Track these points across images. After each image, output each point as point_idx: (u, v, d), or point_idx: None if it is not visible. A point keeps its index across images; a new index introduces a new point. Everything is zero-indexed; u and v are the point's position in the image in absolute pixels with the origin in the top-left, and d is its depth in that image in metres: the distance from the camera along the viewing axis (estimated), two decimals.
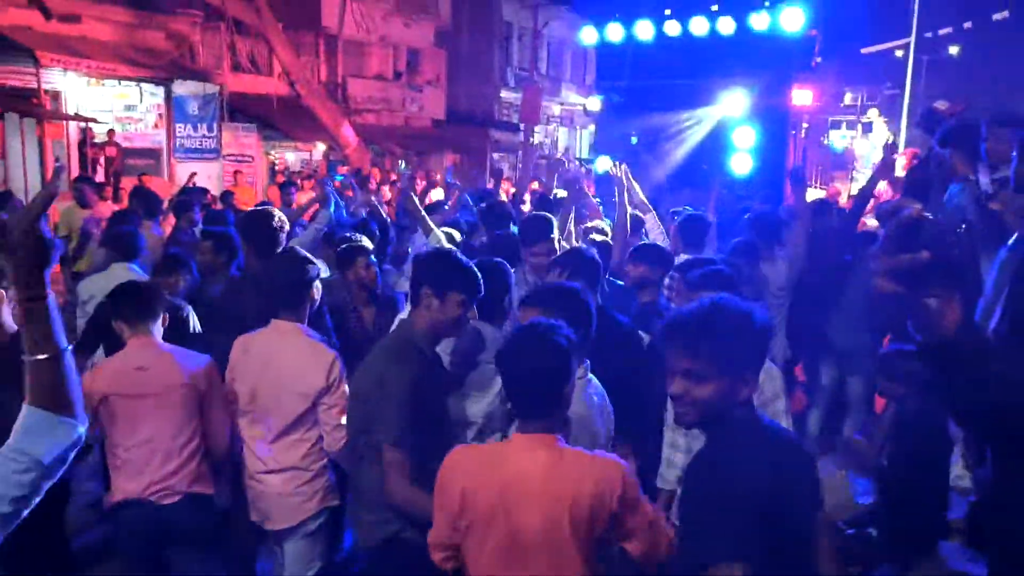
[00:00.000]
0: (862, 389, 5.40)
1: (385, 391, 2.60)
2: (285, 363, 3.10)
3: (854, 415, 5.53)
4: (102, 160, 15.48)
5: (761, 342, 1.95)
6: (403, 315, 3.40)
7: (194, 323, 3.86)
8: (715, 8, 9.31)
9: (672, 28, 9.77)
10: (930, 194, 4.39)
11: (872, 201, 6.18)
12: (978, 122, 4.03)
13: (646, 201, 5.77)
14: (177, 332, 3.55)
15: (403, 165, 21.87)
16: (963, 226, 3.78)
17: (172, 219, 7.02)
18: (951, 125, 4.34)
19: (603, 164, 7.27)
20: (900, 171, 6.68)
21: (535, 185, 12.07)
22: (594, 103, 11.41)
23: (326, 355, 3.10)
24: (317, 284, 3.25)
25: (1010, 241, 3.21)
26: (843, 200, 11.67)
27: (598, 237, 5.15)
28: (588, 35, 10.69)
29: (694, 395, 1.87)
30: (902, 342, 3.93)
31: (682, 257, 4.41)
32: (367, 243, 4.41)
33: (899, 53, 26.12)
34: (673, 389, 1.90)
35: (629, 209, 5.24)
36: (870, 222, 6.63)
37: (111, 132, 15.80)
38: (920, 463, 3.50)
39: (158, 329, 3.27)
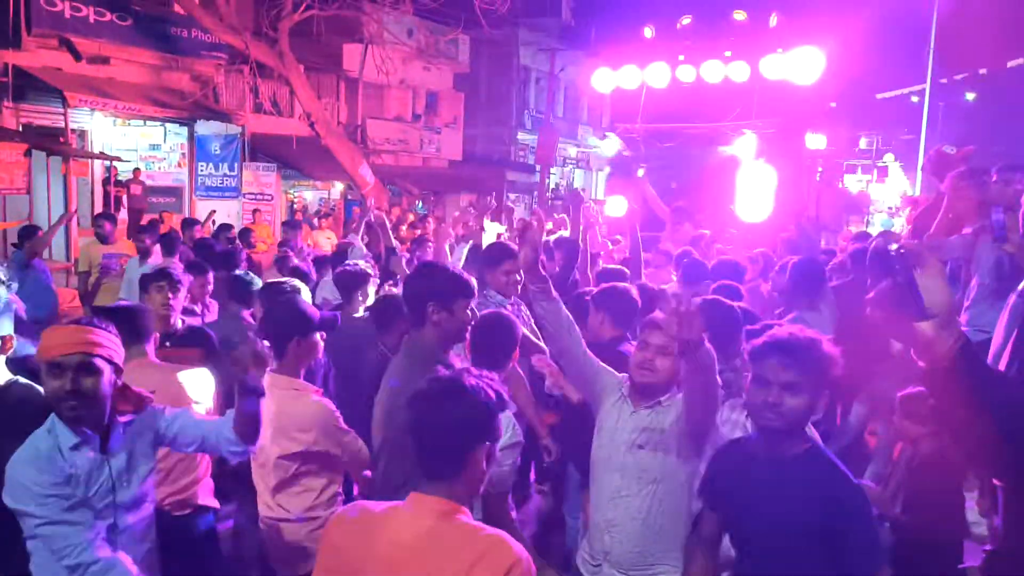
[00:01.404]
0: (883, 428, 5.45)
1: None
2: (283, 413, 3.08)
3: (877, 461, 5.54)
4: (124, 198, 15.77)
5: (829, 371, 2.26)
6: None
7: None
8: (728, 54, 9.41)
9: (686, 74, 9.88)
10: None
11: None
12: (987, 167, 4.06)
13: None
14: None
15: (420, 205, 22.08)
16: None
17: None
18: (962, 171, 4.37)
19: (617, 206, 7.33)
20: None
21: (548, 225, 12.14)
22: (609, 146, 11.51)
23: (314, 405, 3.14)
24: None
25: (1020, 286, 3.20)
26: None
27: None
28: (602, 81, 10.84)
29: (789, 404, 2.21)
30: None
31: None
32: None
33: (915, 99, 26.23)
34: (772, 397, 2.22)
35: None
36: None
37: (136, 171, 16.12)
38: (935, 508, 3.45)
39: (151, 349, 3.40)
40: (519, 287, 4.34)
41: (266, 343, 2.80)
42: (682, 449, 2.74)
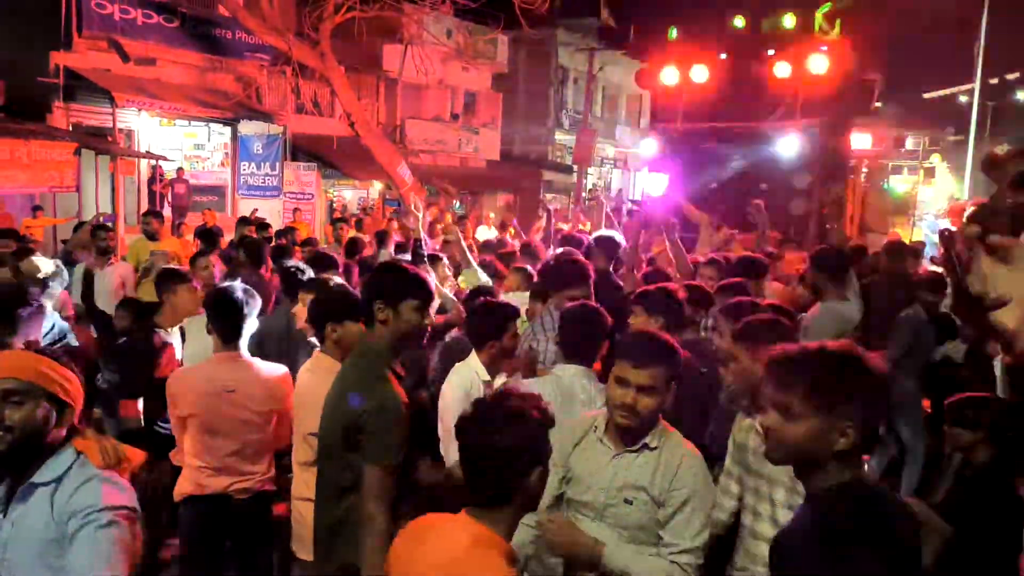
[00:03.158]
0: (910, 435, 5.59)
1: (382, 416, 2.50)
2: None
3: (911, 464, 5.52)
4: (169, 196, 16.09)
5: (869, 393, 1.78)
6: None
7: None
8: (771, 52, 9.28)
9: (727, 72, 9.77)
10: None
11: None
12: None
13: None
14: None
15: (457, 205, 22.17)
16: None
17: None
18: (1018, 172, 4.25)
19: (657, 185, 7.25)
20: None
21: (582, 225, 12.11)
22: (647, 147, 11.44)
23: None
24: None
25: None
26: None
27: None
28: (642, 80, 10.75)
29: (783, 434, 1.79)
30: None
31: None
32: None
33: (963, 98, 25.58)
34: (763, 421, 1.84)
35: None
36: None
37: (180, 170, 16.44)
38: (992, 521, 3.32)
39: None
40: None
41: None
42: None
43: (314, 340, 3.65)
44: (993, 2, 21.32)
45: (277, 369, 3.53)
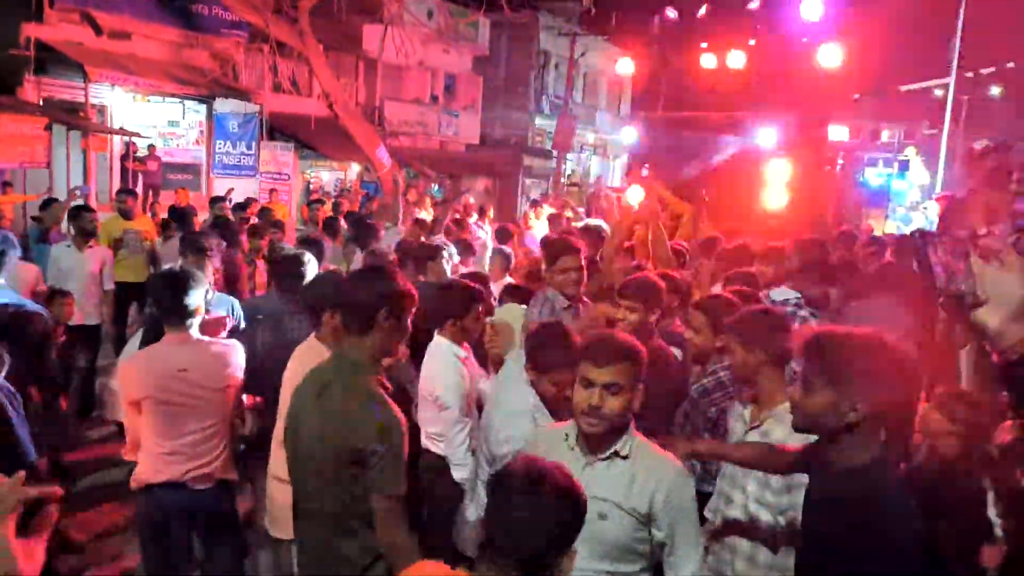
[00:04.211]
0: None
1: (388, 443, 2.38)
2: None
3: None
4: (141, 174, 15.86)
5: (881, 374, 1.94)
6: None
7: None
8: (752, 43, 9.31)
9: (708, 62, 9.79)
10: None
11: None
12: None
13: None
14: None
15: (436, 188, 22.07)
16: None
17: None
18: (990, 167, 4.33)
19: (635, 195, 7.32)
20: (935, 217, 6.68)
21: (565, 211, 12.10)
22: (627, 135, 11.44)
23: None
24: None
25: None
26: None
27: None
28: (623, 66, 10.75)
29: (803, 404, 2.04)
30: None
31: None
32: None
33: (939, 92, 25.87)
34: (789, 392, 2.11)
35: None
36: None
37: (152, 147, 16.18)
38: (955, 515, 3.41)
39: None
40: (580, 285, 4.17)
41: None
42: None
43: None
44: None
45: (228, 344, 3.51)
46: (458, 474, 3.59)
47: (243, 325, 4.36)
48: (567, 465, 2.27)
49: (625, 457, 2.36)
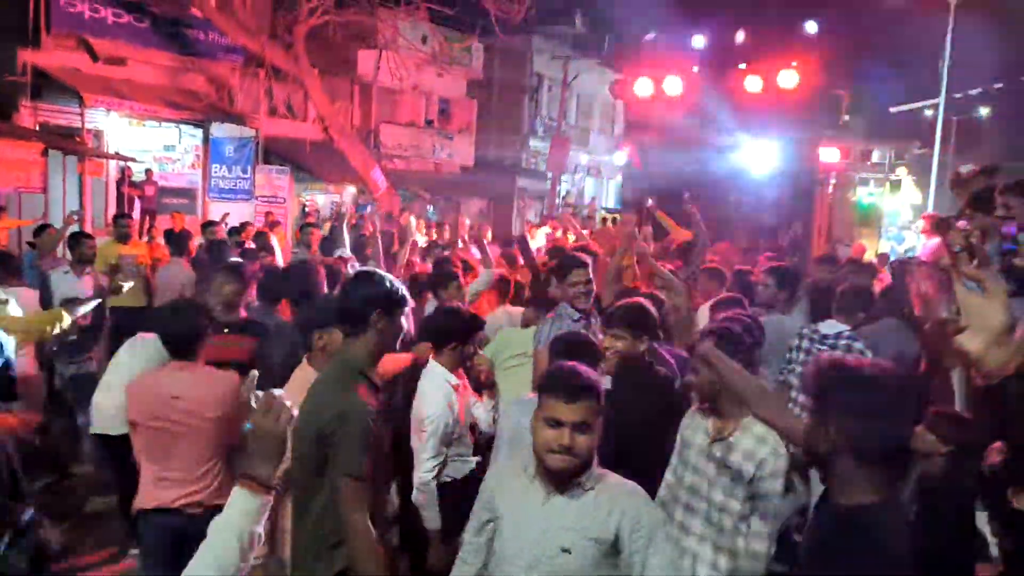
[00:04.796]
0: None
1: (347, 426, 2.50)
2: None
3: None
4: (137, 199, 15.90)
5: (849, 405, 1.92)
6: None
7: None
8: (743, 66, 9.43)
9: (700, 84, 9.90)
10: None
11: None
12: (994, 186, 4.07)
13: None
14: None
15: (431, 210, 22.15)
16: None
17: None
18: (978, 191, 4.39)
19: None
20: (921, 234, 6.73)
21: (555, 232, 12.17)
22: (620, 157, 11.54)
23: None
24: None
25: None
26: (869, 256, 11.62)
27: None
28: (616, 90, 10.86)
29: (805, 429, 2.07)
30: None
31: None
32: None
33: (928, 112, 26.11)
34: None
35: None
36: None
37: (149, 171, 16.25)
38: (945, 531, 3.43)
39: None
40: (591, 297, 4.28)
41: None
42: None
43: None
44: (957, 20, 21.83)
45: (227, 374, 3.53)
46: (427, 513, 3.53)
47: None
48: (526, 499, 2.32)
49: (589, 489, 2.32)
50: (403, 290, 2.80)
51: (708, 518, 2.91)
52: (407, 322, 2.85)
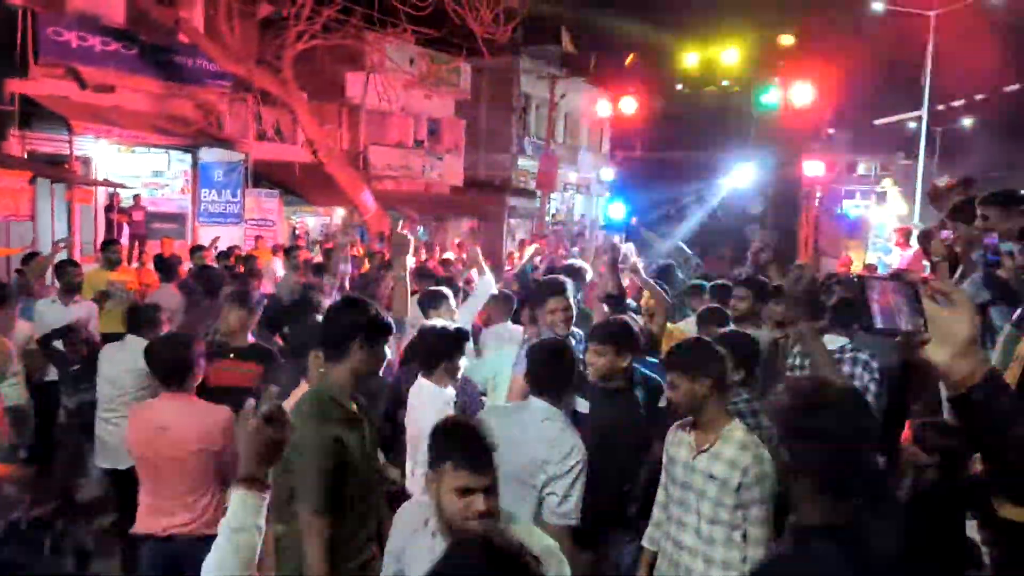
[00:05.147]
0: None
1: (303, 459, 2.46)
2: None
3: None
4: (126, 224, 15.89)
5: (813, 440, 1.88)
6: None
7: None
8: (726, 83, 9.55)
9: (683, 102, 10.01)
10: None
11: None
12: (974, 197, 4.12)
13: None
14: None
15: (422, 231, 22.22)
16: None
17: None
18: (957, 202, 4.45)
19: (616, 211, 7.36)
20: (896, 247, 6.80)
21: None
22: (607, 174, 11.63)
23: None
24: None
25: (1014, 316, 3.24)
26: (856, 268, 11.71)
27: None
28: (602, 108, 10.96)
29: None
30: None
31: None
32: None
33: (912, 124, 26.43)
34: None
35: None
36: None
37: (137, 197, 16.25)
38: (936, 542, 3.45)
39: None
40: (570, 324, 4.33)
41: None
42: None
43: None
44: (938, 33, 22.15)
45: (217, 409, 3.53)
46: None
47: None
48: (420, 551, 2.18)
49: None
50: (387, 318, 2.80)
51: (698, 532, 2.93)
52: (389, 351, 2.82)
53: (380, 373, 2.99)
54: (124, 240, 14.88)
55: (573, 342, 4.25)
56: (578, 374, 3.41)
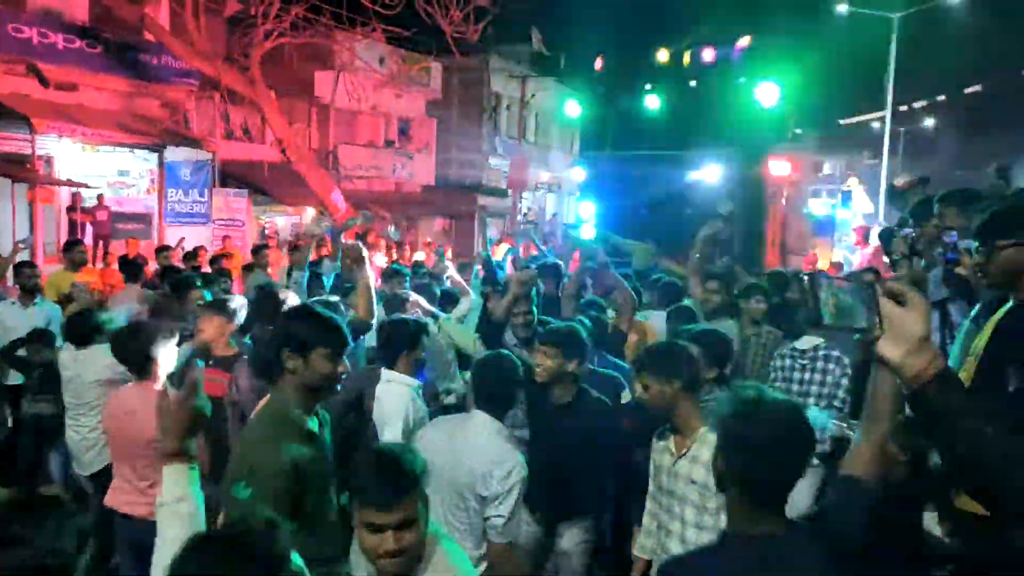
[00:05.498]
0: None
1: (254, 483, 2.35)
2: None
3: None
4: (89, 224, 15.61)
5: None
6: None
7: None
8: (693, 83, 9.65)
9: (652, 101, 10.10)
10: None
11: None
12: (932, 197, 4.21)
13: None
14: None
15: (393, 230, 22.13)
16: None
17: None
18: (915, 201, 4.56)
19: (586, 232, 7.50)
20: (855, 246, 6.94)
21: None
22: (577, 173, 11.70)
23: None
24: None
25: (972, 313, 3.33)
26: (823, 266, 11.89)
27: None
28: (572, 108, 11.02)
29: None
30: None
31: None
32: None
33: (876, 124, 26.91)
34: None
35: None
36: None
37: (101, 197, 15.98)
38: (895, 536, 3.51)
39: None
40: (531, 327, 4.42)
41: None
42: None
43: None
44: (900, 36, 22.60)
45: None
46: None
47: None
48: None
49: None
50: (325, 328, 2.57)
51: (683, 538, 2.93)
52: (334, 364, 2.58)
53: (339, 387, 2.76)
54: (88, 240, 14.64)
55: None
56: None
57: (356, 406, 3.84)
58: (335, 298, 4.73)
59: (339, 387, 2.67)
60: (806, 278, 5.35)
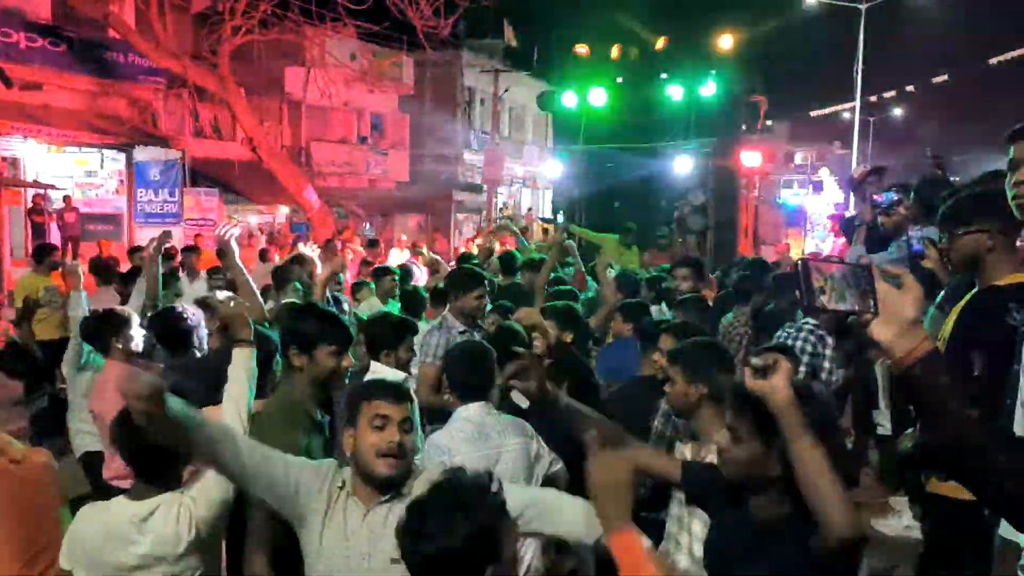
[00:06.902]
0: None
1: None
2: None
3: None
4: (57, 226, 15.35)
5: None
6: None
7: None
8: (664, 76, 9.69)
9: (624, 95, 10.13)
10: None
11: None
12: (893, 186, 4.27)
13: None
14: None
15: (368, 227, 22.01)
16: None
17: None
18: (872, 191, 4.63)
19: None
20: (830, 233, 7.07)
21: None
22: (551, 168, 11.71)
23: None
24: None
25: (937, 299, 3.37)
26: (795, 255, 12.03)
27: None
28: (545, 102, 11.02)
29: (730, 454, 1.93)
30: None
31: None
32: None
33: (846, 115, 27.23)
34: (716, 439, 1.99)
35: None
36: None
37: (67, 198, 15.71)
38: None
39: None
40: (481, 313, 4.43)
41: None
42: None
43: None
44: (868, 27, 22.85)
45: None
46: None
47: None
48: (345, 519, 2.12)
49: (406, 495, 2.12)
50: (330, 326, 2.72)
51: (691, 551, 2.69)
52: (339, 359, 2.70)
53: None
54: (55, 242, 14.39)
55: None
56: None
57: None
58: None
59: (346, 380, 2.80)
60: (800, 262, 5.35)
